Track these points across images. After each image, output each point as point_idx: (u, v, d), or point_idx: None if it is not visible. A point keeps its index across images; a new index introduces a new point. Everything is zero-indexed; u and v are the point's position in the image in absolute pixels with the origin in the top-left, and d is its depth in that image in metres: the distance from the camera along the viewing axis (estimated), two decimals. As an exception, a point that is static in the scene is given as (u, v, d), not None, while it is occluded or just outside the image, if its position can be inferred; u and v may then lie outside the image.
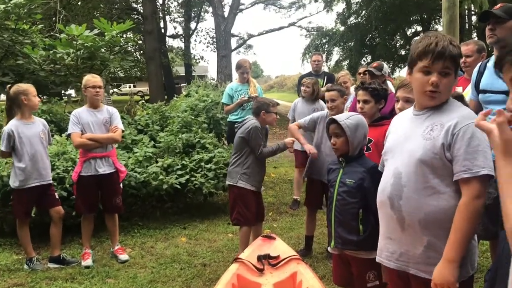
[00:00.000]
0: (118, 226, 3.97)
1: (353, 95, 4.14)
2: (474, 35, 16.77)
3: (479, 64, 2.86)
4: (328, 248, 2.51)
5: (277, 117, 3.56)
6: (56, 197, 3.76)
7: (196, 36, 24.27)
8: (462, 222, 1.53)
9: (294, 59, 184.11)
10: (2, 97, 6.61)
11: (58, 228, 3.71)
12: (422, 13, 18.70)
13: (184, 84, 19.94)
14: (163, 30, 22.52)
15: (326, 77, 5.99)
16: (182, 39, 24.22)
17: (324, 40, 21.77)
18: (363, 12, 19.60)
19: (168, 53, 22.69)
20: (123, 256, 3.80)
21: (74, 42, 6.03)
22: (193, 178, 4.70)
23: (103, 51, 6.45)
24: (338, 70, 14.38)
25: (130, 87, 27.97)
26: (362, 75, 4.93)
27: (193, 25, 24.32)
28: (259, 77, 59.07)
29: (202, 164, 4.88)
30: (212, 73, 27.29)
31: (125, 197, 4.22)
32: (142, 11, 18.79)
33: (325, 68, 17.95)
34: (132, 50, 19.13)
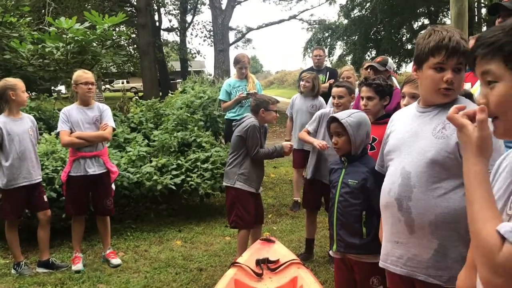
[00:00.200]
0: (110, 228, 3.92)
1: (357, 91, 4.01)
2: (483, 28, 16.66)
3: None
4: (330, 252, 2.49)
5: (277, 115, 3.50)
6: (45, 199, 3.73)
7: (192, 29, 24.00)
8: None
9: (295, 54, 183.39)
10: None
11: (46, 231, 3.67)
12: (429, 5, 18.52)
13: (179, 80, 19.88)
14: (157, 23, 22.38)
15: (328, 73, 5.88)
16: (178, 33, 24.01)
17: (327, 34, 21.66)
18: (367, 4, 19.37)
19: (163, 47, 22.67)
20: (115, 261, 3.75)
21: (64, 36, 5.95)
22: (188, 179, 4.65)
23: (94, 45, 6.37)
24: (341, 65, 14.19)
25: (123, 83, 27.80)
26: (368, 70, 4.79)
27: (189, 18, 24.10)
28: (259, 73, 59.03)
29: (198, 163, 4.85)
30: (209, 69, 27.07)
31: (117, 198, 4.19)
32: (135, 3, 18.66)
33: (328, 63, 17.84)
34: (125, 44, 19.11)
